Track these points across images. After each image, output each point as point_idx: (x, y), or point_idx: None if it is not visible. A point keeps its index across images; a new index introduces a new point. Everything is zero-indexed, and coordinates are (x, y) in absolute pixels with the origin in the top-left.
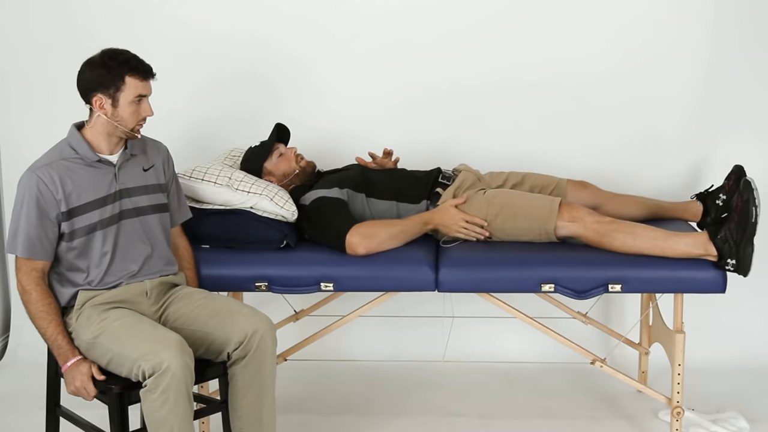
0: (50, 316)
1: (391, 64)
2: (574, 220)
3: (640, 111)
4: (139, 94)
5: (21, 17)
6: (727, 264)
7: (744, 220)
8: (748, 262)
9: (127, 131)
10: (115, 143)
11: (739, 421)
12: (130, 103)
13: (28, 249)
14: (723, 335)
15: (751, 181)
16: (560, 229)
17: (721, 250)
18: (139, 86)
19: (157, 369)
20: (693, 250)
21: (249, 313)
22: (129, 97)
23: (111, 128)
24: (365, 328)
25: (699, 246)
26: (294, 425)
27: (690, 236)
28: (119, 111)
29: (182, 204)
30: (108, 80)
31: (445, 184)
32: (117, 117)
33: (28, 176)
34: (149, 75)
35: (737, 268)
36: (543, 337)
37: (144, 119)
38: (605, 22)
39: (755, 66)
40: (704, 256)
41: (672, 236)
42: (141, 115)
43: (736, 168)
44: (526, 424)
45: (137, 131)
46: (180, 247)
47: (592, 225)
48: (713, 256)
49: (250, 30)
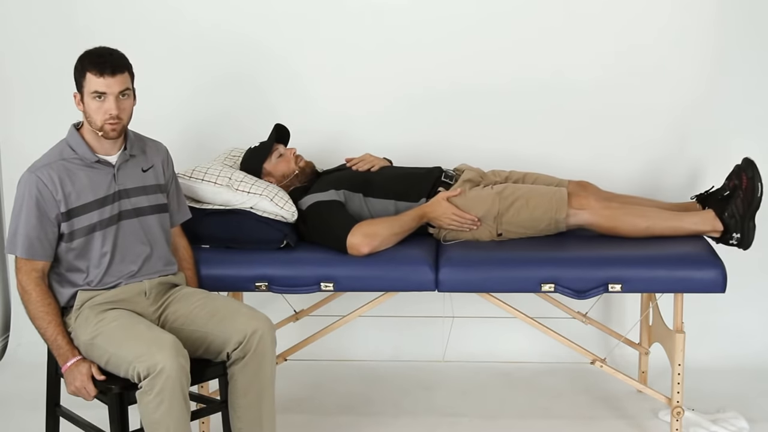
0: (50, 317)
1: (391, 65)
2: (583, 207)
3: (640, 111)
4: (94, 90)
5: (21, 17)
6: (732, 238)
7: (750, 195)
8: (751, 235)
9: (97, 130)
10: (110, 144)
11: (739, 421)
12: (92, 99)
13: (27, 249)
14: (723, 335)
15: (753, 161)
16: (571, 218)
17: (727, 225)
18: (94, 82)
19: (152, 370)
20: (701, 227)
21: (248, 313)
22: (89, 93)
23: (89, 125)
24: (365, 328)
25: (707, 223)
26: (294, 425)
27: (698, 214)
28: (86, 108)
29: (182, 204)
30: (77, 77)
31: (448, 183)
32: (87, 114)
33: (27, 177)
34: (106, 71)
35: (740, 242)
36: (543, 337)
37: (112, 118)
38: (605, 23)
39: (755, 66)
40: (710, 233)
41: (680, 215)
42: (105, 113)
43: (737, 168)
44: (526, 424)
45: (107, 131)
46: (180, 248)
47: (602, 211)
48: (719, 231)
49: (249, 30)
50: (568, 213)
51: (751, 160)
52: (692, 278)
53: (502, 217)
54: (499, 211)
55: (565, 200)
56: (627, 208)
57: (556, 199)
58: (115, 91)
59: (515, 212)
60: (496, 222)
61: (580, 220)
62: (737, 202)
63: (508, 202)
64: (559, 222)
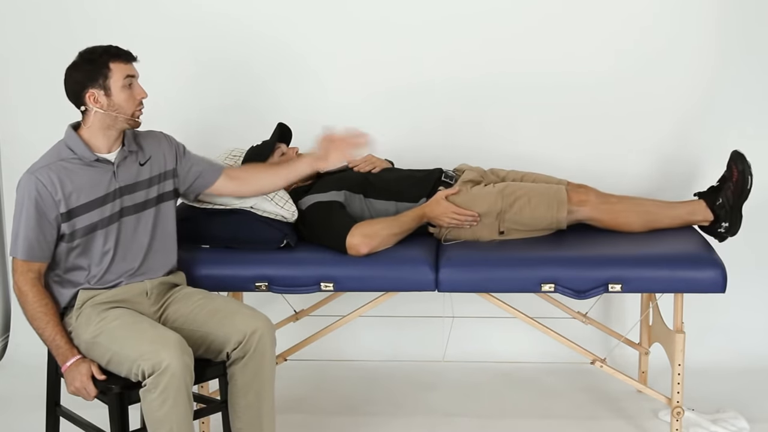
0: (48, 317)
1: (391, 64)
2: (582, 203)
3: (639, 110)
4: (126, 74)
5: (21, 18)
6: (721, 227)
7: (741, 186)
8: (738, 224)
9: (129, 118)
10: (114, 139)
11: (739, 421)
12: (122, 87)
13: (27, 251)
14: (723, 335)
15: (742, 153)
16: (571, 215)
17: (717, 215)
18: (124, 68)
19: (157, 368)
20: (693, 217)
21: (248, 313)
22: (119, 82)
23: (110, 121)
24: (365, 328)
25: (698, 213)
26: (294, 425)
27: (690, 204)
28: (114, 99)
29: (210, 162)
30: (95, 72)
31: (448, 183)
32: (114, 106)
33: (27, 178)
34: (131, 58)
35: (728, 230)
36: (543, 337)
37: (141, 104)
38: (603, 21)
39: (754, 64)
40: (701, 222)
41: (674, 205)
42: (136, 99)
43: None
44: (526, 424)
45: (137, 117)
46: (244, 173)
47: (600, 206)
48: (708, 220)
49: (252, 27)
50: (568, 210)
51: (741, 153)
52: (692, 278)
53: (504, 214)
54: (502, 209)
55: (565, 199)
56: (624, 201)
57: (557, 198)
58: (137, 75)
59: (518, 210)
60: (498, 219)
61: (580, 215)
62: (728, 193)
63: (511, 200)
64: (560, 220)
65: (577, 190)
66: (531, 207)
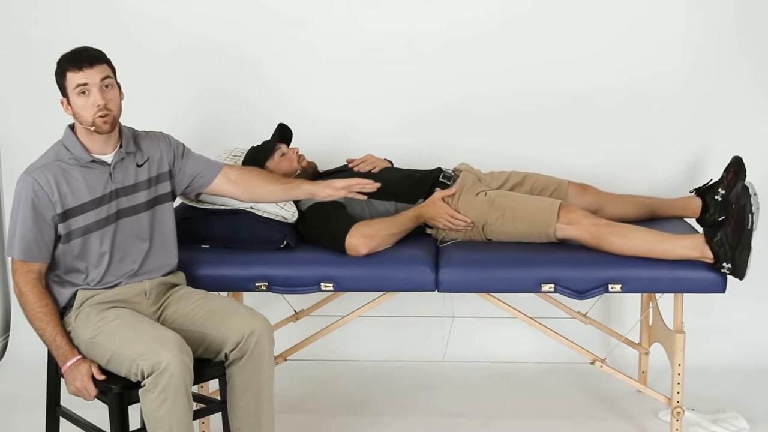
0: (48, 317)
1: (391, 65)
2: (570, 223)
3: (639, 109)
4: (77, 84)
5: (21, 18)
6: (723, 267)
7: (740, 226)
8: (743, 266)
9: (89, 126)
10: (103, 142)
11: (739, 421)
12: (77, 96)
13: (24, 251)
14: (723, 335)
15: (750, 186)
16: (558, 232)
17: (716, 254)
18: (75, 77)
19: (156, 368)
20: (689, 252)
21: (246, 314)
22: (72, 91)
23: (82, 127)
24: (365, 328)
25: (695, 249)
26: (294, 425)
27: (687, 239)
28: (73, 107)
29: (208, 161)
30: (59, 82)
31: (445, 184)
32: (76, 114)
33: (24, 178)
34: (83, 64)
35: (732, 272)
36: (543, 337)
37: (102, 109)
38: (602, 24)
39: (753, 62)
40: (700, 259)
41: (668, 239)
42: (92, 106)
43: (735, 160)
44: (526, 424)
45: (99, 125)
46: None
47: (589, 228)
48: (709, 258)
49: (252, 30)
50: (555, 228)
51: (746, 186)
52: (692, 278)
53: (491, 226)
54: (488, 221)
55: (555, 214)
56: (615, 227)
57: (545, 213)
58: (96, 81)
59: (502, 224)
60: (484, 231)
61: (567, 234)
62: (728, 231)
63: (498, 213)
64: (549, 236)
65: (568, 209)
66: (515, 220)
